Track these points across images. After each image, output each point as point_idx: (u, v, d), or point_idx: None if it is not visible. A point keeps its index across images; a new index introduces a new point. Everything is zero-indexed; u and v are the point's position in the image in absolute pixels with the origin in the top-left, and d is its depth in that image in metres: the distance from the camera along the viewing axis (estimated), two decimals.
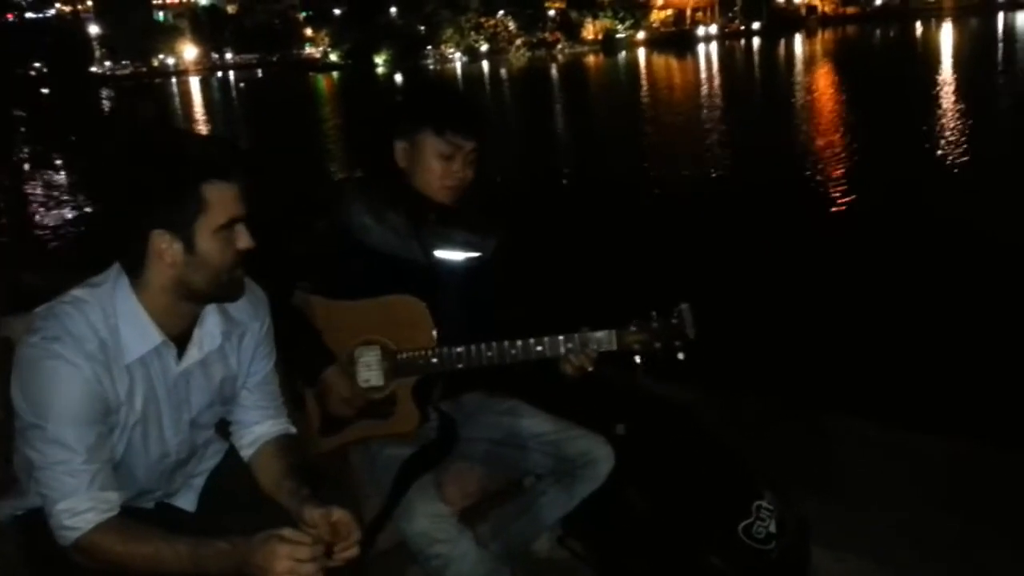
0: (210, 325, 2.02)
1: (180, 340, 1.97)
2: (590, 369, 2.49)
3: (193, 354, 2.00)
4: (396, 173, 2.58)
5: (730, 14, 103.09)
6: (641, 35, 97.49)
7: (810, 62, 48.19)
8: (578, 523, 2.91)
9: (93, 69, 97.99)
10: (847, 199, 12.70)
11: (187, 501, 2.18)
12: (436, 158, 2.53)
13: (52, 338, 1.80)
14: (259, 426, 2.17)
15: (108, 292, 1.88)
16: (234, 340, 2.08)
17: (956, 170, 14.33)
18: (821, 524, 2.93)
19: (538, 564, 2.91)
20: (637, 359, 2.48)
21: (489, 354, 2.48)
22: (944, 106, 22.32)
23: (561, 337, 2.47)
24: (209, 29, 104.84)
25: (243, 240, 1.90)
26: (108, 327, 1.85)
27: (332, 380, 2.49)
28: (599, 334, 2.48)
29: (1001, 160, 14.29)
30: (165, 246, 1.84)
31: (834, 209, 12.19)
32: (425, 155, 2.54)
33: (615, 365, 2.53)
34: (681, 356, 2.46)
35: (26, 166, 27.48)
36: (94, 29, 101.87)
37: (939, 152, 15.70)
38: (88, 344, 1.82)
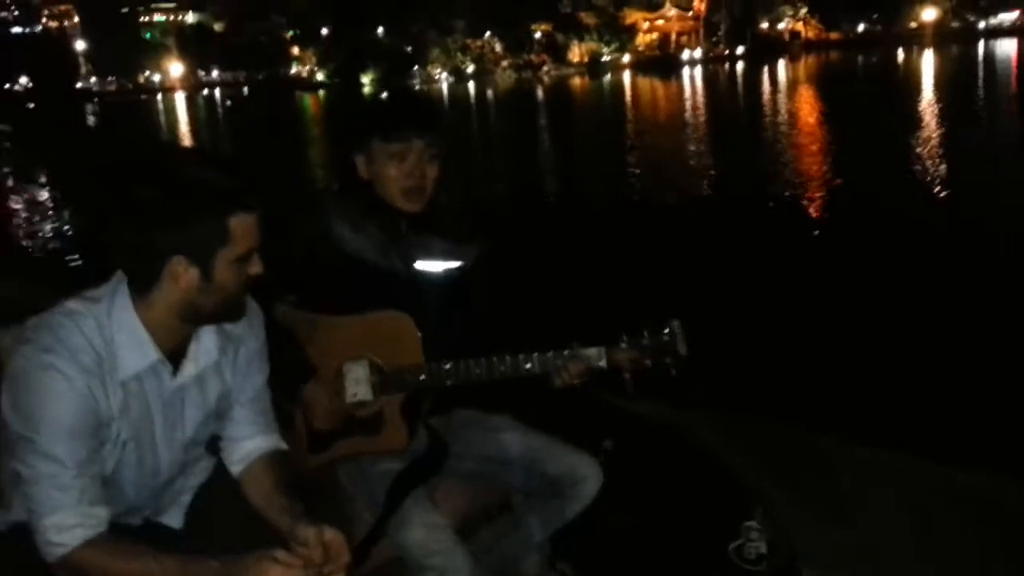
0: (206, 341, 2.00)
1: (174, 355, 1.95)
2: (579, 384, 2.45)
3: (189, 370, 1.97)
4: (365, 186, 2.57)
5: (714, 39, 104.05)
6: (626, 58, 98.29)
7: (792, 87, 48.60)
8: (569, 545, 2.89)
9: (79, 85, 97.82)
10: (826, 219, 12.81)
11: (174, 518, 2.15)
12: (389, 162, 2.50)
13: (45, 349, 1.77)
14: (250, 441, 2.14)
15: (105, 306, 1.85)
16: (230, 354, 2.06)
17: (934, 192, 14.48)
18: (811, 546, 2.92)
19: None
20: (627, 376, 2.45)
21: (478, 371, 2.45)
22: (923, 132, 22.51)
23: (551, 354, 2.44)
24: (196, 46, 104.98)
25: (256, 267, 1.90)
26: (104, 340, 1.83)
27: (313, 395, 2.47)
28: (589, 351, 2.45)
29: (976, 184, 14.46)
30: (182, 270, 1.82)
31: (814, 229, 12.29)
32: (380, 162, 2.52)
33: (605, 383, 2.51)
34: (674, 373, 2.43)
35: (10, 181, 27.35)
36: (80, 44, 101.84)
37: (916, 174, 15.84)
38: (83, 356, 1.79)
